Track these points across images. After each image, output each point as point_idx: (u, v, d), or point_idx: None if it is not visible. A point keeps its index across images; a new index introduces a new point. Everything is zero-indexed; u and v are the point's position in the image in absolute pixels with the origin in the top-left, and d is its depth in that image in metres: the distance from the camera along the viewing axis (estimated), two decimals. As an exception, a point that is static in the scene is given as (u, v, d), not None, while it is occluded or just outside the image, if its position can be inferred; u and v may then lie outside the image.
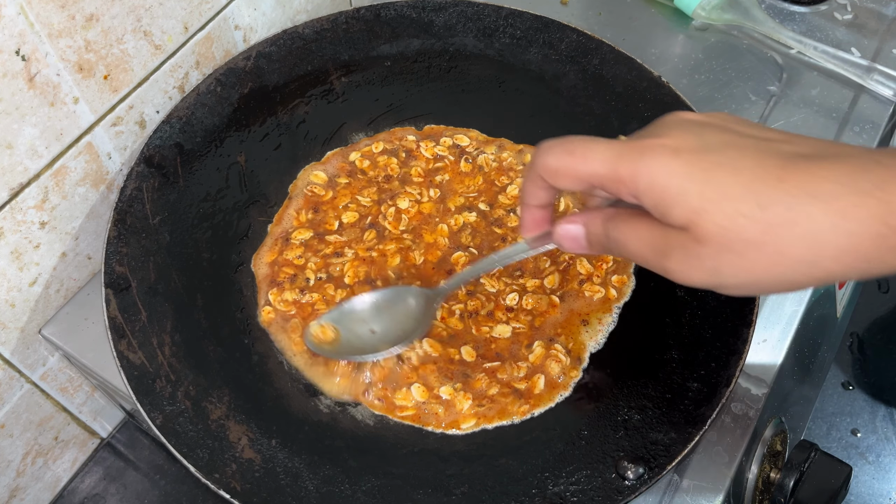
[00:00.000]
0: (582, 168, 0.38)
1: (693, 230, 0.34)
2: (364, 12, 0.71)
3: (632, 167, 0.35)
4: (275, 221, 0.63)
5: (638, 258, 0.38)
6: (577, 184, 0.39)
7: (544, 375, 0.55)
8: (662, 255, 0.36)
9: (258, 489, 0.48)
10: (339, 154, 0.67)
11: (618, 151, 0.36)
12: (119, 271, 0.55)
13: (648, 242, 0.37)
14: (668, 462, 0.48)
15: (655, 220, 0.36)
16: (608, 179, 0.37)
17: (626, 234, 0.38)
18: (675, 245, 0.35)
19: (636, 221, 0.38)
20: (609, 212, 0.40)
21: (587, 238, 0.41)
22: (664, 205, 0.35)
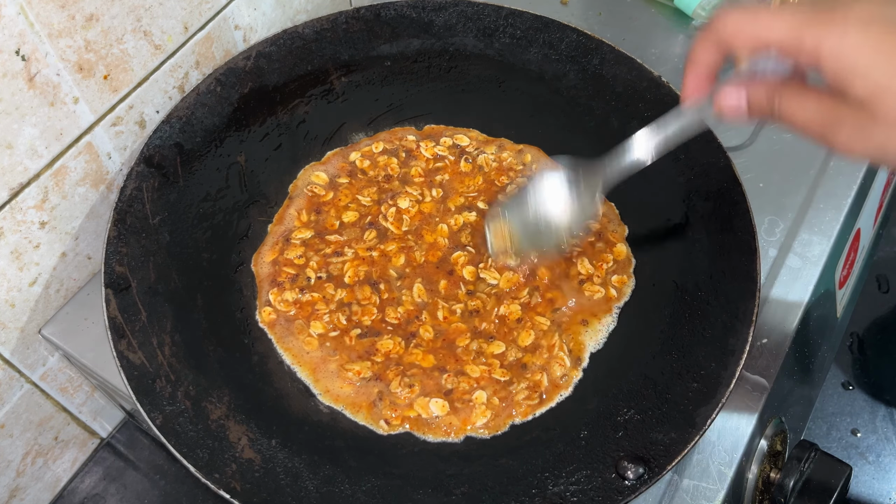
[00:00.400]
0: (765, 31, 0.38)
1: (871, 106, 0.35)
2: (364, 12, 0.71)
3: (818, 35, 0.36)
4: (275, 221, 0.63)
5: (803, 128, 0.39)
6: (755, 47, 0.39)
7: (547, 375, 0.55)
8: (830, 128, 0.37)
9: (258, 489, 0.48)
10: (340, 154, 0.67)
11: (804, 19, 0.36)
12: (119, 271, 0.55)
13: (816, 115, 0.38)
14: (668, 462, 0.48)
15: (825, 94, 0.37)
16: (790, 45, 0.37)
17: (793, 105, 0.39)
18: (848, 119, 0.36)
19: (805, 93, 0.39)
20: (773, 82, 0.40)
21: (750, 105, 0.42)
22: (847, 77, 0.35)
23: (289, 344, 0.57)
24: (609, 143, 0.66)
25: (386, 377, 0.55)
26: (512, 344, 0.57)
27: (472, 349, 0.56)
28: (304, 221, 0.63)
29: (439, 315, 0.58)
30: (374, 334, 0.57)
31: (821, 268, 0.65)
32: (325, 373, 0.56)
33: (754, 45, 0.39)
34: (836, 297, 0.77)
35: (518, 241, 0.57)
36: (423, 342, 0.57)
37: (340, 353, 0.56)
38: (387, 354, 0.56)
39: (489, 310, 0.58)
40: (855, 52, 0.35)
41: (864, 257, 0.88)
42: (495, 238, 0.58)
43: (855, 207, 0.71)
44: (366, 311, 0.58)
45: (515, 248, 0.57)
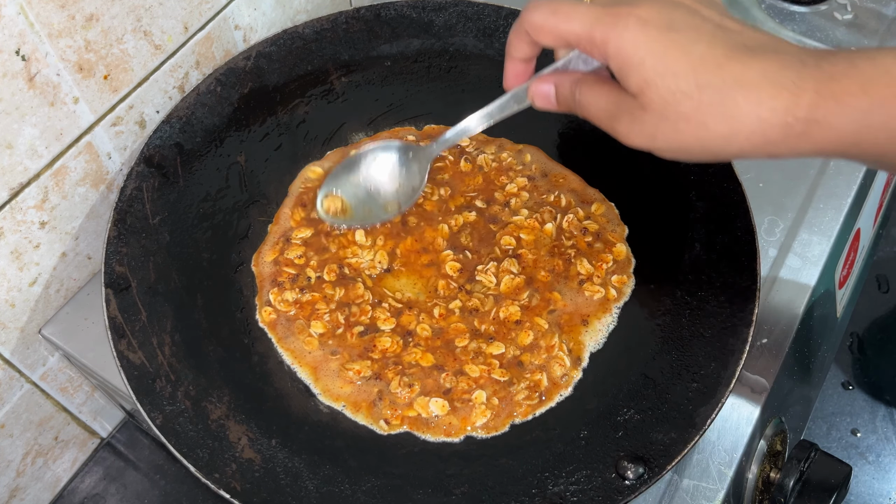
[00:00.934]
0: (563, 26, 0.41)
1: (641, 98, 0.39)
2: (364, 12, 0.71)
3: (605, 32, 0.39)
4: (275, 221, 0.63)
5: (595, 119, 0.43)
6: (557, 41, 0.43)
7: (547, 375, 0.55)
8: (614, 118, 0.41)
9: (258, 489, 0.48)
10: (340, 153, 0.67)
11: (596, 16, 0.40)
12: (119, 271, 0.55)
13: (605, 106, 0.42)
14: (668, 462, 0.48)
15: (615, 87, 0.41)
16: (584, 40, 0.41)
17: (588, 97, 0.43)
18: (625, 109, 0.40)
19: (599, 86, 0.43)
20: (577, 75, 0.44)
21: (556, 97, 0.46)
22: (625, 71, 0.39)
23: (289, 344, 0.57)
24: (609, 142, 0.66)
25: (386, 376, 0.55)
26: (511, 343, 0.57)
27: (470, 349, 0.56)
28: (298, 220, 0.62)
29: (435, 312, 0.58)
30: (374, 331, 0.57)
31: (821, 268, 0.65)
32: (326, 372, 0.56)
33: (554, 39, 0.43)
34: (836, 297, 0.77)
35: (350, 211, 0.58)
36: (422, 340, 0.57)
37: (341, 352, 0.56)
38: (384, 352, 0.56)
39: (487, 310, 0.58)
40: (632, 48, 0.38)
41: (864, 257, 0.88)
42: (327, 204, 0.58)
43: (855, 207, 0.71)
44: (363, 309, 0.58)
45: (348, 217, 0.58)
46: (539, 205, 0.63)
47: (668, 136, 0.39)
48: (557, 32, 0.42)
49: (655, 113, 0.39)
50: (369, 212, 0.58)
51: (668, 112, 0.38)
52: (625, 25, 0.39)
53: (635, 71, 0.39)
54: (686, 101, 0.38)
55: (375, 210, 0.58)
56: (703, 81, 0.37)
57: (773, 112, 0.36)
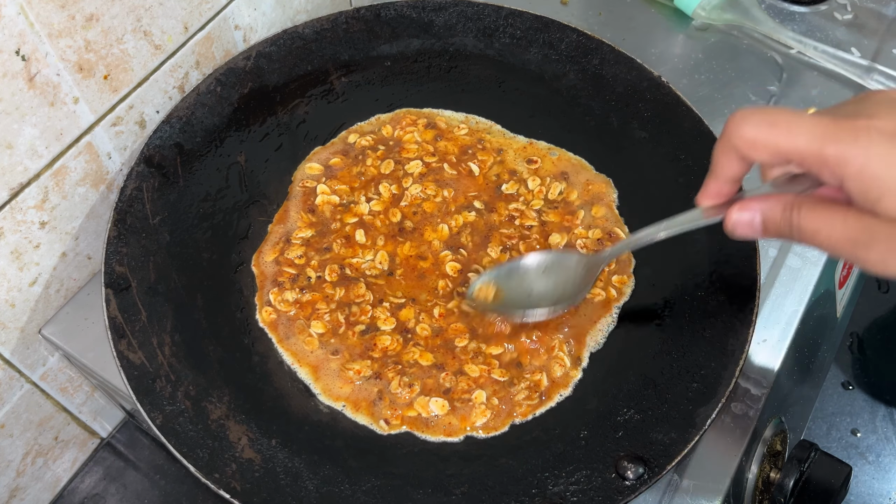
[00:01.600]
0: (784, 142, 0.36)
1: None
2: (364, 12, 0.71)
3: (841, 149, 0.34)
4: (275, 221, 0.63)
5: (829, 248, 0.38)
6: (774, 158, 0.37)
7: (547, 374, 0.55)
8: (862, 247, 0.36)
9: (258, 489, 0.48)
10: (332, 147, 0.67)
11: (826, 129, 0.35)
12: (119, 271, 0.55)
13: (844, 233, 0.36)
14: (668, 462, 0.48)
15: (853, 210, 0.36)
16: (812, 158, 0.35)
17: (816, 223, 0.38)
18: (880, 237, 0.35)
19: (829, 211, 0.37)
20: (790, 198, 0.39)
21: (763, 224, 0.41)
22: (874, 194, 0.34)
23: (289, 344, 0.57)
24: (609, 142, 0.66)
25: (385, 376, 0.55)
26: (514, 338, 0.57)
27: (470, 349, 0.56)
28: (305, 223, 0.62)
29: (435, 312, 0.58)
30: (375, 330, 0.57)
31: (821, 268, 0.65)
32: (326, 372, 0.56)
33: (773, 157, 0.37)
34: (836, 297, 0.77)
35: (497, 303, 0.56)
36: (422, 340, 0.57)
37: (342, 351, 0.56)
38: (385, 351, 0.56)
39: None
40: (881, 169, 0.33)
41: (864, 257, 0.88)
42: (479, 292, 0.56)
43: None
44: (363, 309, 0.58)
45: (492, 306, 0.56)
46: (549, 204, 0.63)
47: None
48: (776, 149, 0.37)
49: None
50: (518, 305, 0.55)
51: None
52: (868, 141, 0.34)
53: (890, 193, 0.33)
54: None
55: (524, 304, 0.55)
56: None
57: None
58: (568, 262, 0.55)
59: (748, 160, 0.39)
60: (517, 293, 0.55)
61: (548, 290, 0.55)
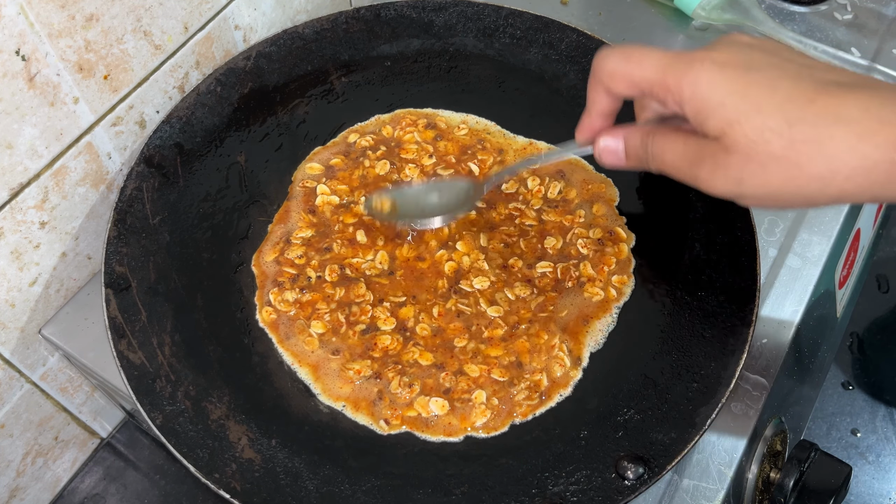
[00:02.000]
0: (636, 73, 0.40)
1: (724, 140, 0.37)
2: (364, 12, 0.71)
3: (679, 76, 0.38)
4: (275, 221, 0.63)
5: (671, 169, 0.41)
6: (631, 88, 0.41)
7: (547, 374, 0.55)
8: (694, 165, 0.39)
9: (258, 489, 0.48)
10: (332, 148, 0.67)
11: (669, 60, 0.39)
12: (119, 271, 0.55)
13: (683, 153, 0.40)
14: (668, 462, 0.48)
15: (691, 134, 0.39)
16: (657, 86, 0.39)
17: (662, 147, 0.41)
18: (707, 154, 0.38)
19: (673, 134, 0.41)
20: (648, 127, 0.43)
21: (626, 151, 0.44)
22: (703, 114, 0.37)
23: (289, 344, 0.57)
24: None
25: (385, 376, 0.55)
26: (511, 340, 0.57)
27: (469, 349, 0.56)
28: (306, 223, 0.62)
29: (434, 312, 0.58)
30: (375, 329, 0.57)
31: (821, 268, 0.65)
32: (326, 372, 0.56)
33: (630, 87, 0.41)
34: (836, 297, 0.77)
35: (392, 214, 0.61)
36: (421, 339, 0.57)
37: (342, 351, 0.56)
38: (385, 350, 0.56)
39: (481, 311, 0.58)
40: (709, 90, 0.37)
41: (864, 257, 0.88)
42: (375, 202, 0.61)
43: (855, 207, 0.71)
44: (363, 309, 0.58)
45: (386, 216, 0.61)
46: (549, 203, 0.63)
47: (757, 180, 0.36)
48: (630, 78, 0.40)
49: (741, 154, 0.36)
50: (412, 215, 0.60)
51: (756, 152, 0.36)
52: (700, 68, 0.37)
53: (715, 113, 0.37)
54: (775, 139, 0.35)
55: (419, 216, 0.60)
56: (793, 117, 0.35)
57: (877, 148, 0.33)
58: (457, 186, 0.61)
59: (612, 93, 0.43)
60: (411, 208, 0.61)
61: (436, 206, 0.60)
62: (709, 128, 0.37)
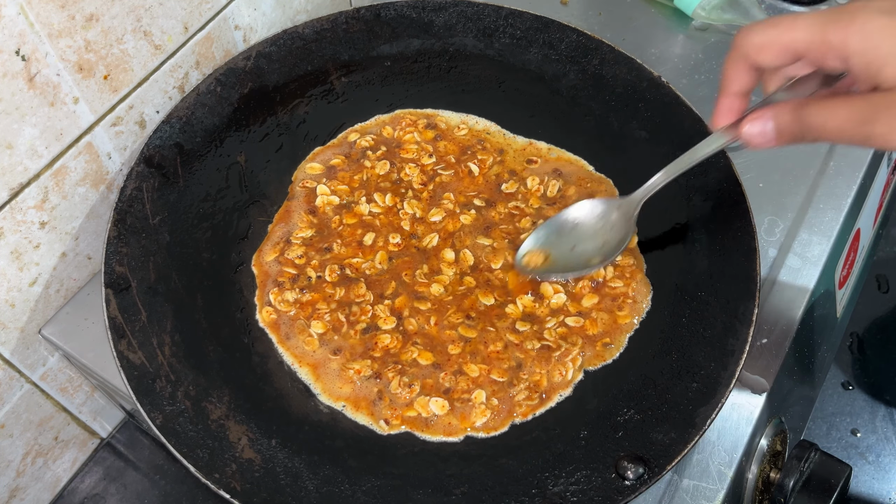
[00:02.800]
0: (788, 37, 0.38)
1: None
2: (364, 12, 0.71)
3: (842, 30, 0.36)
4: (275, 221, 0.63)
5: (838, 133, 0.39)
6: (783, 56, 0.39)
7: (547, 375, 0.55)
8: (867, 123, 0.37)
9: (258, 489, 0.48)
10: (331, 149, 0.67)
11: (826, 17, 0.37)
12: (119, 271, 0.55)
13: (849, 115, 0.38)
14: (668, 462, 0.48)
15: (853, 95, 0.38)
16: (816, 46, 0.37)
17: (823, 115, 0.39)
18: (883, 107, 0.36)
19: (834, 100, 0.38)
20: (797, 100, 0.40)
21: (777, 129, 0.42)
22: (877, 64, 0.35)
23: (289, 344, 0.57)
24: (609, 143, 0.66)
25: (385, 376, 0.55)
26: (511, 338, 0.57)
27: (468, 351, 0.56)
28: (306, 223, 0.62)
29: (432, 320, 0.58)
30: (375, 329, 0.57)
31: (821, 268, 0.65)
32: (326, 371, 0.56)
33: (782, 54, 0.39)
34: (836, 297, 0.77)
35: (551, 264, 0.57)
36: (421, 339, 0.57)
37: (342, 351, 0.56)
38: (386, 349, 0.56)
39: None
40: (880, 41, 0.35)
41: (864, 257, 0.88)
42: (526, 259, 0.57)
43: (855, 207, 0.71)
44: (363, 309, 0.58)
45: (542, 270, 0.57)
46: None
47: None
48: (782, 44, 0.39)
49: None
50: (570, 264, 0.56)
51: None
52: (866, 18, 0.36)
53: (890, 63, 0.35)
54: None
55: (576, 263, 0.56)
56: None
57: None
58: (603, 208, 0.56)
59: (757, 66, 0.41)
60: (562, 251, 0.56)
61: (593, 242, 0.55)
62: (885, 77, 0.35)
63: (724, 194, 0.59)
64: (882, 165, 0.77)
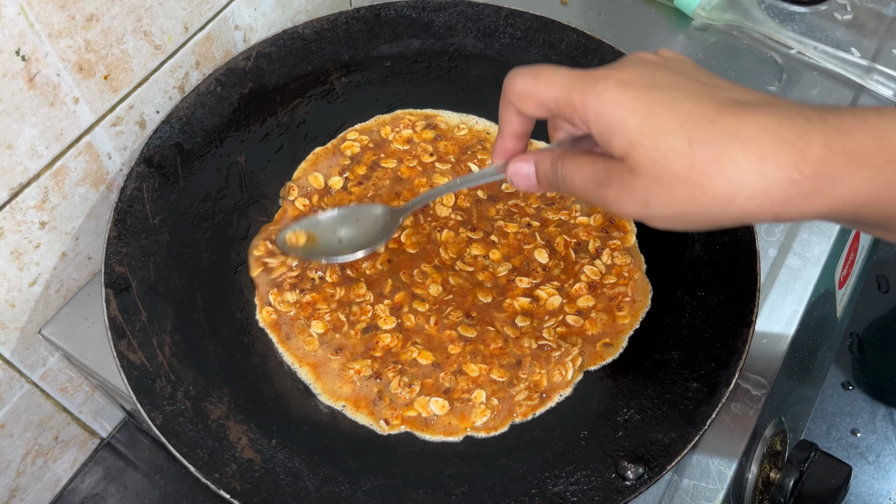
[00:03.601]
0: (543, 92, 0.40)
1: (629, 161, 0.36)
2: (364, 12, 0.71)
3: (584, 95, 0.38)
4: (275, 221, 0.63)
5: (580, 191, 0.40)
6: (539, 108, 0.41)
7: (547, 376, 0.55)
8: (602, 186, 0.38)
9: (258, 489, 0.48)
10: (326, 150, 0.67)
11: (575, 79, 0.38)
12: (119, 271, 0.55)
13: (591, 175, 0.39)
14: (668, 462, 0.48)
15: (599, 156, 0.39)
16: (564, 105, 0.39)
17: (571, 170, 0.41)
18: (614, 176, 0.37)
19: (582, 157, 0.40)
20: (558, 151, 0.42)
21: (537, 175, 0.43)
22: (608, 134, 0.37)
23: (289, 344, 0.57)
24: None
25: (385, 376, 0.55)
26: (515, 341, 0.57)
27: (468, 351, 0.56)
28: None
29: (431, 322, 0.58)
30: (375, 329, 0.57)
31: (821, 268, 0.65)
32: (326, 371, 0.56)
33: (536, 106, 0.41)
34: (836, 297, 0.77)
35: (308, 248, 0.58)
36: (420, 338, 0.57)
37: (343, 350, 0.56)
38: (386, 349, 0.56)
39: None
40: (613, 110, 0.36)
41: (864, 257, 0.88)
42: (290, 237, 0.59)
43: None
44: (363, 309, 0.58)
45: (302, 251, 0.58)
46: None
47: (663, 201, 0.36)
48: (538, 98, 0.40)
49: (646, 176, 0.36)
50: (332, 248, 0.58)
51: (660, 173, 0.35)
52: (604, 87, 0.37)
53: (619, 133, 0.36)
54: (678, 160, 0.34)
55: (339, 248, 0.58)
56: (694, 137, 0.34)
57: (777, 168, 0.33)
58: (374, 211, 0.58)
59: (522, 113, 0.42)
60: (328, 240, 0.58)
61: (355, 236, 0.57)
62: (614, 148, 0.37)
63: (724, 194, 0.59)
64: (882, 165, 0.77)
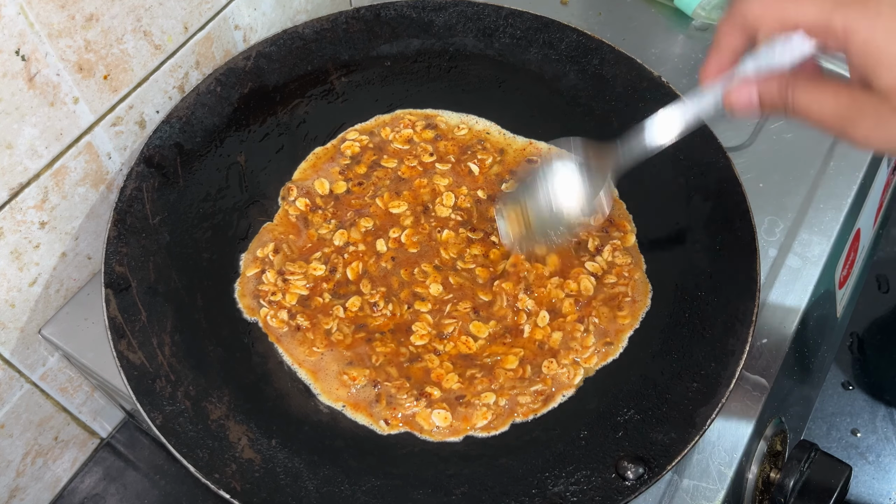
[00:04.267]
0: (793, 11, 0.37)
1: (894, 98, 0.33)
2: (364, 12, 0.71)
3: (849, 18, 0.34)
4: (274, 221, 0.63)
5: (819, 123, 0.38)
6: (781, 28, 0.38)
7: (554, 381, 0.55)
8: (850, 122, 0.36)
9: (258, 489, 0.48)
10: (323, 153, 0.67)
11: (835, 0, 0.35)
12: (119, 271, 0.55)
13: (833, 108, 0.36)
14: (668, 462, 0.48)
15: (844, 86, 0.36)
16: (819, 26, 0.36)
17: (808, 99, 0.38)
18: (868, 111, 0.35)
19: (822, 86, 0.37)
20: (786, 76, 0.39)
21: (761, 100, 0.40)
22: (873, 66, 0.34)
23: (289, 344, 0.57)
24: (609, 143, 0.66)
25: (384, 385, 0.55)
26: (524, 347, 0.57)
27: (486, 355, 0.56)
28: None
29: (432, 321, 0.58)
30: (375, 333, 0.57)
31: (821, 268, 0.65)
32: (326, 374, 0.56)
33: (781, 27, 0.38)
34: (836, 297, 0.77)
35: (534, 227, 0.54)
36: (431, 355, 0.56)
37: (342, 358, 0.56)
38: (384, 356, 0.56)
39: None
40: (885, 40, 0.33)
41: (864, 257, 0.88)
42: (511, 225, 0.55)
43: (855, 207, 0.71)
44: (363, 313, 0.58)
45: (532, 235, 0.54)
46: None
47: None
48: (785, 18, 0.37)
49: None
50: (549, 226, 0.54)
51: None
52: (876, 13, 0.33)
53: (888, 67, 0.33)
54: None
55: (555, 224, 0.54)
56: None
57: None
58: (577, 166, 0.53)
59: (753, 31, 0.39)
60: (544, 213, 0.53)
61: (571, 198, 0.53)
62: (879, 82, 0.34)
63: (724, 194, 0.59)
64: (882, 166, 0.77)
